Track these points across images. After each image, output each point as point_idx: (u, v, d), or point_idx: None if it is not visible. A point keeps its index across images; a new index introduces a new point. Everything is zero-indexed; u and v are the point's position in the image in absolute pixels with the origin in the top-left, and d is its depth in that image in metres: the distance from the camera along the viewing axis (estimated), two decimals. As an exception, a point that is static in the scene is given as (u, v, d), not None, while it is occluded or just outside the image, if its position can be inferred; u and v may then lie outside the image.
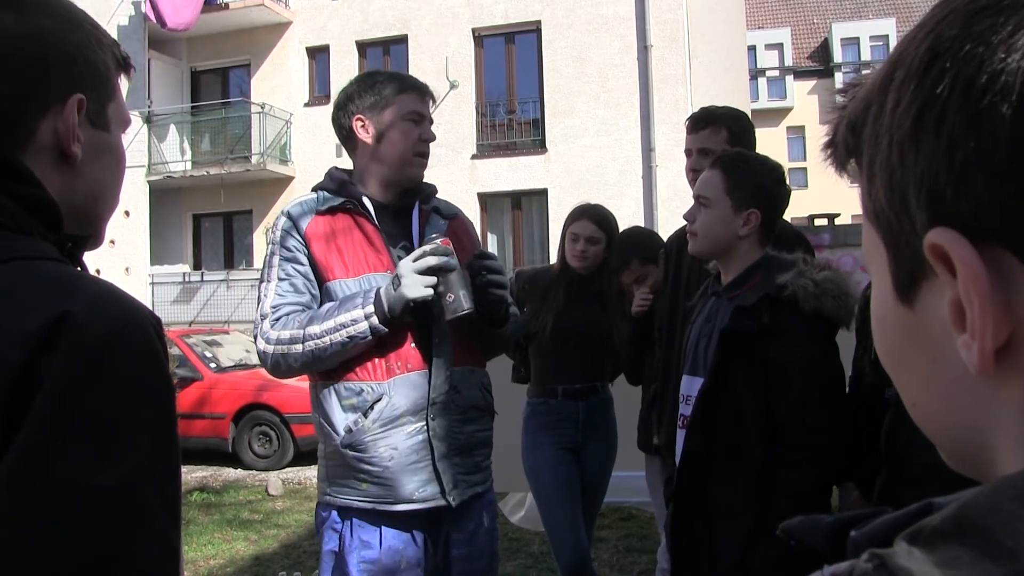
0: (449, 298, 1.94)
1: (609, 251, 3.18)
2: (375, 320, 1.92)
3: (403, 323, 1.98)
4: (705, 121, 2.63)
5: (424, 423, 2.00)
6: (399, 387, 1.99)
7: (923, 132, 0.39)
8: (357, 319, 1.92)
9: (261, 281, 2.08)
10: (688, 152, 2.66)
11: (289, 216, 2.07)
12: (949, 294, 0.39)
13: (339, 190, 2.10)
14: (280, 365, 2.00)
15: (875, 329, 0.47)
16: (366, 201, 2.08)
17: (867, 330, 2.25)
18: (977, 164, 0.36)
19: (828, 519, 0.46)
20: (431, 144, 2.16)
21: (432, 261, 1.92)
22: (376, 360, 1.99)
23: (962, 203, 0.37)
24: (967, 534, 0.33)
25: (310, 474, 7.66)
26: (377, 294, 1.94)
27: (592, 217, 3.20)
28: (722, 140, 2.57)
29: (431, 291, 1.93)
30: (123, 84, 0.94)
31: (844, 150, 0.46)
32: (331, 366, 2.00)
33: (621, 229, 3.34)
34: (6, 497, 0.66)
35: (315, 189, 2.14)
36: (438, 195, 2.24)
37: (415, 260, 1.93)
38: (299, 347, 1.95)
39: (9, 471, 0.66)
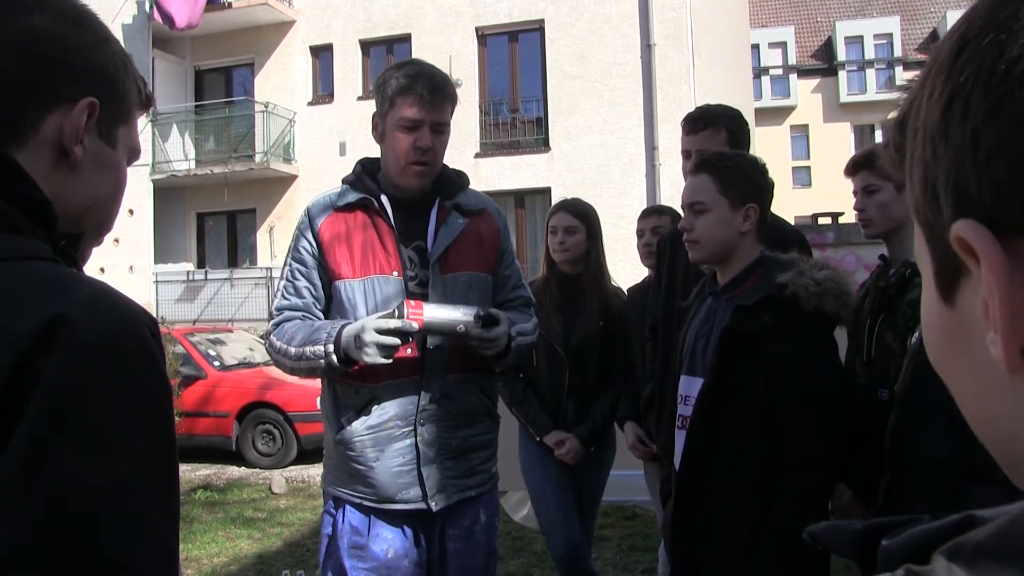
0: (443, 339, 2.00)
1: (591, 241, 3.16)
2: (333, 359, 1.95)
3: None
4: (704, 122, 2.57)
5: (412, 428, 2.01)
6: (390, 392, 2.01)
7: (951, 123, 0.38)
8: (318, 354, 1.97)
9: (280, 276, 2.16)
10: (687, 154, 2.58)
11: (308, 213, 2.11)
12: (982, 289, 0.37)
13: (357, 184, 2.10)
14: (279, 367, 2.14)
15: (924, 331, 0.45)
16: (383, 198, 2.07)
17: (860, 331, 2.25)
18: (1000, 153, 0.36)
19: (857, 526, 0.44)
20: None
21: (398, 342, 1.90)
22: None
23: (985, 194, 0.36)
24: (1014, 553, 0.31)
25: (314, 472, 7.67)
26: (339, 333, 1.95)
27: (568, 209, 3.18)
28: (722, 141, 2.52)
29: (390, 359, 1.92)
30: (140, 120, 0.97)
31: (895, 149, 0.45)
32: (312, 379, 2.11)
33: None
34: (3, 501, 0.65)
35: (344, 180, 2.15)
36: (469, 188, 2.18)
37: (380, 331, 1.88)
38: (283, 360, 2.07)
39: (5, 475, 0.66)
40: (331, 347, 1.94)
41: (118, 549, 0.69)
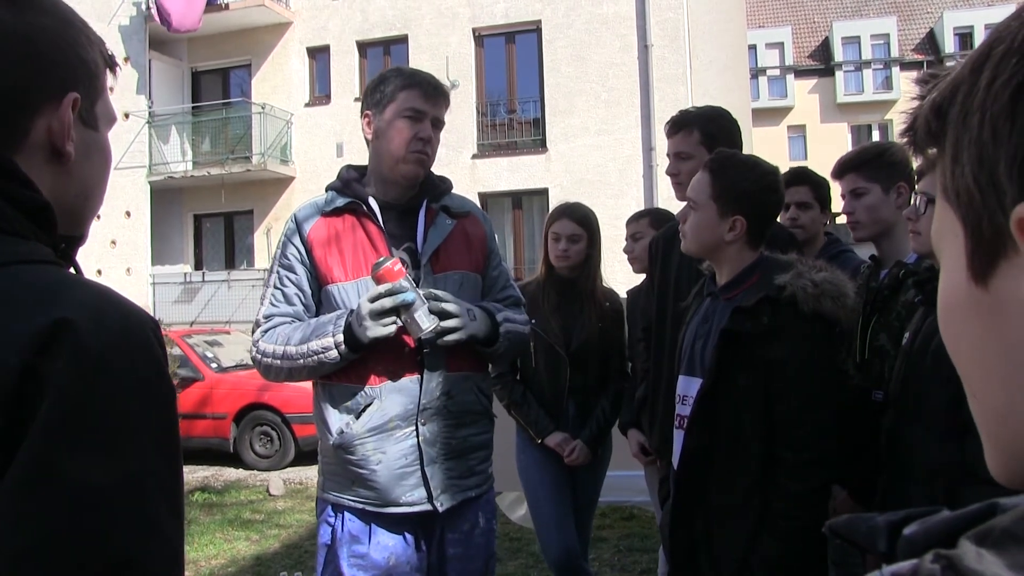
0: (407, 321, 1.93)
1: (591, 247, 3.16)
2: (344, 348, 1.94)
3: (397, 329, 1.99)
4: (678, 125, 2.60)
5: (414, 428, 2.00)
6: (390, 393, 2.00)
7: (1020, 106, 0.39)
8: (328, 347, 1.95)
9: (265, 284, 2.13)
10: (671, 156, 2.63)
11: (295, 219, 2.10)
12: None
13: (344, 189, 2.10)
14: (267, 374, 2.10)
15: (942, 315, 0.46)
16: (371, 201, 2.07)
17: (852, 333, 2.24)
18: None
19: (881, 518, 0.45)
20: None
21: (388, 303, 1.90)
22: (371, 365, 2.00)
23: None
24: None
25: (311, 474, 7.66)
26: (348, 320, 1.95)
27: (572, 216, 3.16)
28: (695, 142, 2.54)
29: (393, 327, 1.92)
30: (109, 81, 0.94)
31: (926, 134, 0.46)
32: (311, 379, 2.06)
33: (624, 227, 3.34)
34: (15, 504, 0.66)
35: (328, 188, 2.15)
36: (453, 191, 2.20)
37: (372, 301, 1.91)
38: (279, 363, 2.03)
39: (17, 478, 0.66)
40: (340, 337, 1.94)
41: (127, 548, 0.70)
